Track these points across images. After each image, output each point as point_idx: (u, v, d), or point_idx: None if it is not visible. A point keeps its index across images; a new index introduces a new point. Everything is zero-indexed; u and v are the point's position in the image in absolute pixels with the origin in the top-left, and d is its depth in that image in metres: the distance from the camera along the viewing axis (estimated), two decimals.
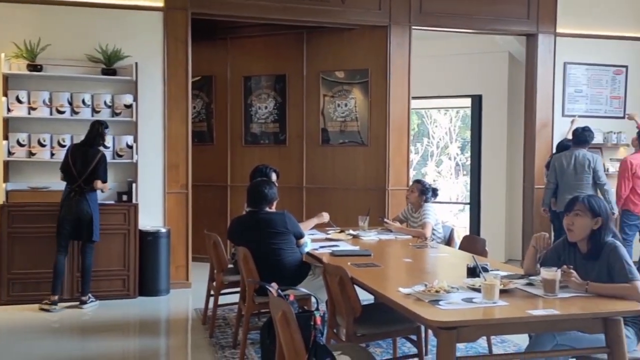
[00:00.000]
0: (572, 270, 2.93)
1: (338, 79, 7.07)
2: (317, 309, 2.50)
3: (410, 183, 5.82)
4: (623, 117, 7.22)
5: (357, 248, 4.32)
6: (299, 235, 4.14)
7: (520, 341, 4.20)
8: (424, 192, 5.07)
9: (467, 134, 9.13)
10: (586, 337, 2.79)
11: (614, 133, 7.18)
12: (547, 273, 2.86)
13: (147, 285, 5.85)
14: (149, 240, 5.84)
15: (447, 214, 9.97)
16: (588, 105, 7.27)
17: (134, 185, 5.87)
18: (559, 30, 7.08)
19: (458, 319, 2.55)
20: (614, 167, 6.93)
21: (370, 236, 4.86)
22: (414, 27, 6.70)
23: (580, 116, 7.12)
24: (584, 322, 2.68)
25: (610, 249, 2.99)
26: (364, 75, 6.89)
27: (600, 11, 7.21)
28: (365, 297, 3.41)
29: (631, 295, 2.80)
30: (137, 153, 5.90)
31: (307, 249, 4.21)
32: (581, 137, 6.22)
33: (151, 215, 6.06)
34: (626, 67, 7.34)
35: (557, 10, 7.04)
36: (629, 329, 2.92)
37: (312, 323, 2.43)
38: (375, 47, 6.77)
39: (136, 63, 5.88)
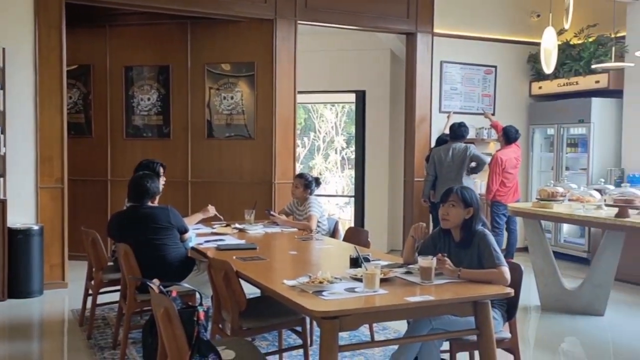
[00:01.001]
0: (446, 258, 3.09)
1: (224, 71, 6.98)
2: (201, 304, 2.46)
3: None
4: (491, 114, 7.70)
5: (242, 242, 4.31)
6: (183, 230, 4.06)
7: (400, 327, 4.38)
8: (307, 185, 5.15)
9: (352, 129, 9.36)
10: (459, 320, 2.97)
11: (485, 129, 7.68)
12: (423, 261, 3.01)
13: (18, 287, 5.48)
14: (19, 238, 5.47)
15: (334, 207, 10.18)
16: (462, 102, 7.73)
17: (1, 179, 5.45)
18: (436, 30, 7.44)
19: (340, 308, 2.61)
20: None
21: (257, 230, 4.85)
22: (299, 21, 6.76)
23: (455, 112, 7.55)
24: (456, 306, 2.85)
25: (480, 237, 3.19)
26: (250, 69, 6.85)
27: (472, 14, 7.68)
28: (251, 291, 3.41)
29: (498, 280, 3.01)
30: (4, 145, 5.49)
31: (191, 244, 4.13)
32: (457, 132, 6.64)
33: (22, 212, 5.67)
34: (495, 67, 7.88)
35: (434, 11, 7.39)
36: (496, 311, 3.14)
37: (195, 319, 2.40)
38: (262, 40, 6.75)
39: (3, 49, 5.45)
